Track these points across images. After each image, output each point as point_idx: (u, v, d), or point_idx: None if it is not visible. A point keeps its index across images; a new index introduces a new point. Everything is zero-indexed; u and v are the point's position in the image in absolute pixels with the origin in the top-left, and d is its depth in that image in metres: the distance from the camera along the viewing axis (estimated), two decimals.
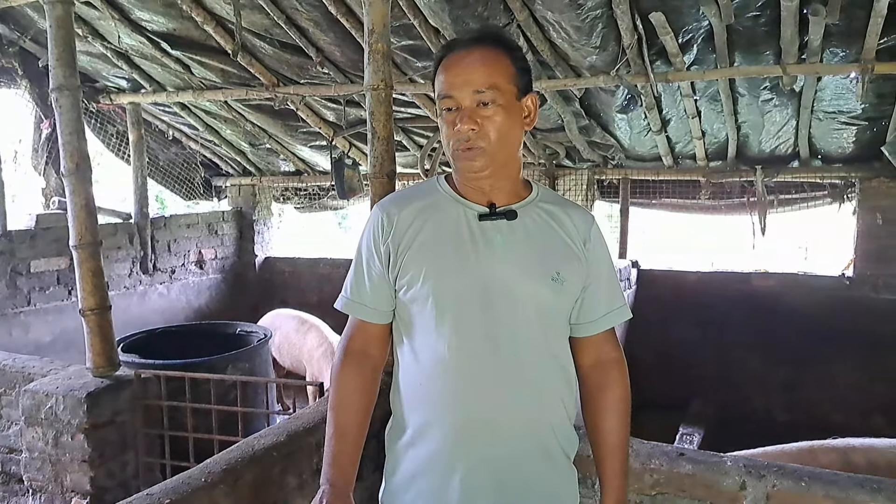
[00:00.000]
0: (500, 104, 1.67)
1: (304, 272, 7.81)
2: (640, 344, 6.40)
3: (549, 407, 1.75)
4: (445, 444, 1.72)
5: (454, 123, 1.67)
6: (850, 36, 4.23)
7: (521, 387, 1.70)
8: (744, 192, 6.34)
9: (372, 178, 2.69)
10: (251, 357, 4.49)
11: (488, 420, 1.70)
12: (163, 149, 7.31)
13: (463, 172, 1.74)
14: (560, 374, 1.76)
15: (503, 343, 1.69)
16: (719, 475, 1.94)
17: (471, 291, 1.69)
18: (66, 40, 3.19)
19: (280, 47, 5.34)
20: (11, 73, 5.84)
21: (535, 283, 1.70)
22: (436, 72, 1.74)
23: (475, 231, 1.73)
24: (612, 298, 1.81)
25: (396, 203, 1.81)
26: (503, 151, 1.70)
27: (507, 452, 1.71)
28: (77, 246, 3.27)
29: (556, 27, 4.49)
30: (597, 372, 1.82)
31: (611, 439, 1.80)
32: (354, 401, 1.79)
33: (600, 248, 1.81)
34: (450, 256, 1.71)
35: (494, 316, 1.69)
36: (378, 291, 1.79)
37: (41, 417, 3.30)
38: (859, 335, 5.89)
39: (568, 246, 1.75)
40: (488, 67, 1.67)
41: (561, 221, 1.77)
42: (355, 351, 1.83)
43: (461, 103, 1.67)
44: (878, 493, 1.77)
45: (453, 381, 1.70)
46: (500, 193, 1.76)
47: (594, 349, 1.82)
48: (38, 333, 5.77)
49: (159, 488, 1.87)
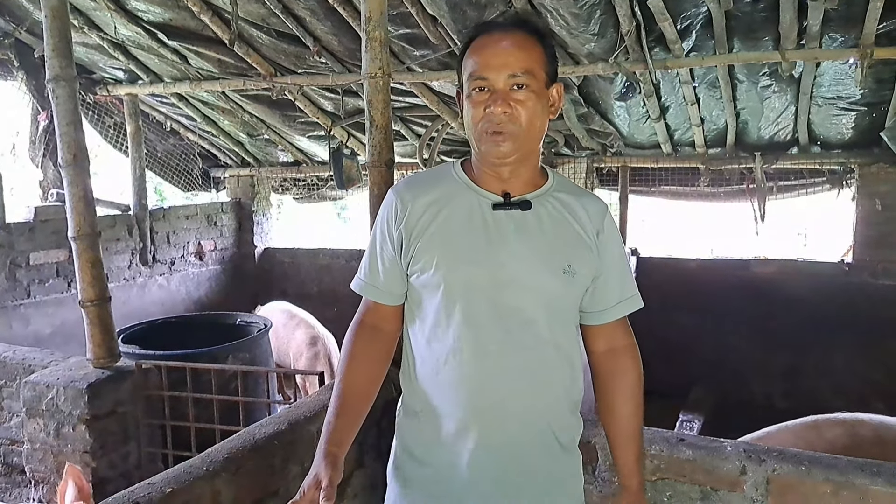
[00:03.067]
0: (533, 90, 1.66)
1: (304, 263, 7.81)
2: (639, 331, 6.39)
3: (552, 396, 1.75)
4: (452, 429, 1.74)
5: (485, 105, 1.66)
6: (849, 21, 4.22)
7: (524, 377, 1.71)
8: (743, 178, 6.33)
9: (370, 166, 2.69)
10: (251, 347, 4.49)
11: (493, 408, 1.71)
12: (161, 140, 7.30)
13: (486, 157, 1.72)
14: (563, 363, 1.76)
15: (511, 334, 1.70)
16: (719, 460, 1.95)
17: (481, 281, 1.70)
18: (61, 30, 3.18)
19: (277, 37, 5.32)
20: (7, 64, 5.83)
21: (546, 275, 1.70)
22: (465, 52, 1.73)
23: (488, 221, 1.72)
24: (624, 287, 1.82)
25: (411, 189, 1.81)
26: (530, 138, 1.70)
27: (510, 439, 1.72)
28: (76, 237, 3.27)
29: (553, 14, 4.47)
30: (609, 359, 1.83)
31: (626, 425, 1.82)
32: (364, 369, 1.81)
33: (613, 238, 1.81)
34: (462, 246, 1.71)
35: (503, 307, 1.70)
36: (390, 275, 1.80)
37: (42, 409, 3.31)
38: (859, 321, 5.90)
39: (580, 237, 1.74)
40: (526, 52, 1.66)
41: (575, 212, 1.76)
42: (367, 325, 1.85)
43: (495, 85, 1.65)
44: (878, 475, 1.78)
45: (460, 369, 1.71)
46: (518, 181, 1.75)
47: (607, 336, 1.83)
48: (38, 326, 5.77)
49: (161, 477, 1.88)
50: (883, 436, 3.08)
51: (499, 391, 1.72)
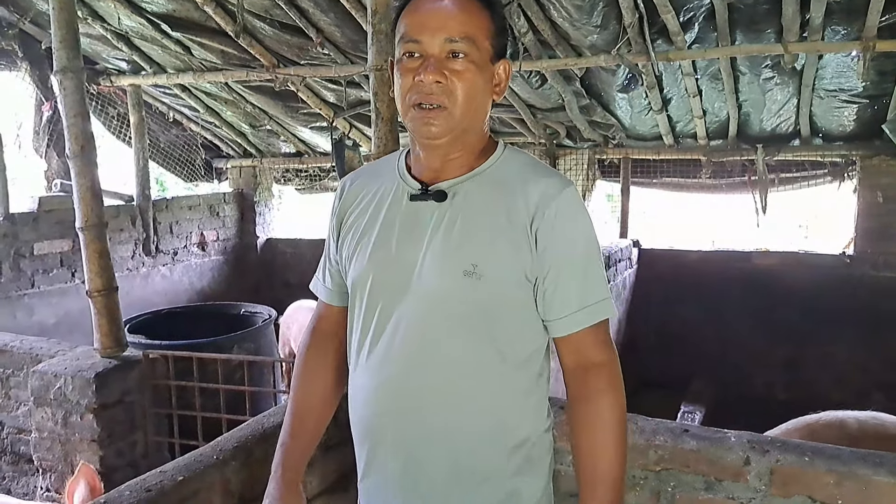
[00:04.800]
0: (473, 60, 1.43)
1: (306, 253, 7.81)
2: (640, 323, 6.45)
3: (466, 418, 1.49)
4: (361, 447, 1.60)
5: (415, 73, 1.43)
6: (852, 14, 4.23)
7: (426, 394, 1.48)
8: (744, 170, 6.33)
9: (376, 159, 2.70)
10: (257, 337, 4.53)
11: (388, 430, 1.53)
12: (163, 131, 7.30)
13: (417, 139, 1.52)
14: (487, 380, 1.49)
15: (408, 344, 1.48)
16: (723, 451, 1.96)
17: (383, 283, 1.51)
18: (68, 23, 3.19)
19: (280, 28, 5.32)
20: (11, 55, 5.82)
21: (444, 277, 1.46)
22: (400, 13, 1.50)
23: (405, 213, 1.52)
24: (587, 291, 1.48)
25: (354, 175, 1.69)
26: (466, 117, 1.45)
27: (407, 462, 1.52)
28: (83, 228, 3.29)
29: (556, 6, 4.48)
30: (576, 379, 1.51)
31: (589, 466, 1.48)
32: (317, 385, 1.69)
33: (561, 230, 1.46)
34: (373, 242, 1.54)
35: (401, 313, 1.49)
36: (335, 272, 1.69)
37: (50, 398, 3.34)
38: (860, 313, 5.92)
39: (503, 230, 1.46)
40: (467, 15, 1.43)
41: (507, 197, 1.48)
42: (319, 332, 1.73)
43: (428, 50, 1.42)
44: (881, 466, 1.80)
45: (359, 380, 1.56)
46: (452, 165, 1.52)
47: (572, 351, 1.51)
48: (42, 315, 5.79)
49: (172, 466, 1.89)
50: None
51: (395, 412, 1.51)
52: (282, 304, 5.85)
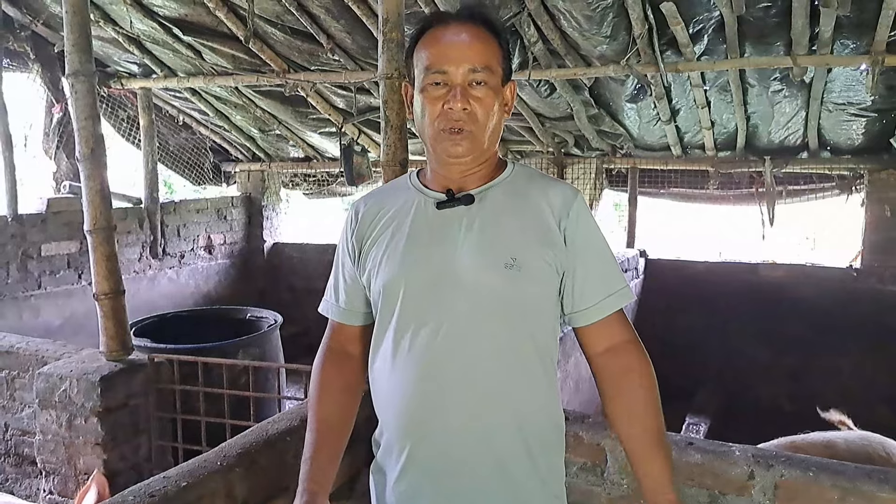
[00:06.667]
0: (491, 87, 1.57)
1: (313, 258, 7.81)
2: (646, 333, 6.39)
3: (506, 408, 1.58)
4: (392, 447, 1.64)
5: (442, 101, 1.55)
6: (861, 28, 4.23)
7: (467, 388, 1.57)
8: (752, 182, 6.32)
9: (385, 166, 2.72)
10: (262, 342, 4.53)
11: (426, 424, 1.59)
12: (173, 134, 7.33)
13: (441, 156, 1.62)
14: (524, 370, 1.59)
15: (449, 340, 1.56)
16: (728, 464, 1.96)
17: (416, 283, 1.59)
18: (82, 26, 3.20)
19: (291, 34, 5.34)
20: (23, 56, 5.85)
21: (486, 271, 1.56)
22: (417, 43, 1.62)
23: (433, 221, 1.63)
24: (610, 281, 1.65)
25: (366, 199, 1.77)
26: (488, 136, 1.60)
27: (448, 459, 1.59)
28: (92, 230, 3.30)
29: (566, 16, 4.49)
30: (610, 358, 1.66)
31: (641, 431, 1.64)
32: (335, 400, 1.73)
33: (586, 229, 1.64)
34: (403, 250, 1.62)
35: (442, 312, 1.57)
36: (352, 292, 1.75)
37: (55, 400, 3.34)
38: (866, 326, 5.90)
39: (535, 228, 1.60)
40: (484, 45, 1.58)
41: (531, 201, 1.63)
42: (334, 350, 1.79)
43: (453, 80, 1.55)
44: (885, 483, 1.79)
45: (396, 382, 1.61)
46: (472, 178, 1.65)
47: (602, 336, 1.66)
48: (48, 317, 5.81)
49: (176, 471, 1.90)
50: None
51: (435, 408, 1.58)
52: (288, 309, 5.88)
